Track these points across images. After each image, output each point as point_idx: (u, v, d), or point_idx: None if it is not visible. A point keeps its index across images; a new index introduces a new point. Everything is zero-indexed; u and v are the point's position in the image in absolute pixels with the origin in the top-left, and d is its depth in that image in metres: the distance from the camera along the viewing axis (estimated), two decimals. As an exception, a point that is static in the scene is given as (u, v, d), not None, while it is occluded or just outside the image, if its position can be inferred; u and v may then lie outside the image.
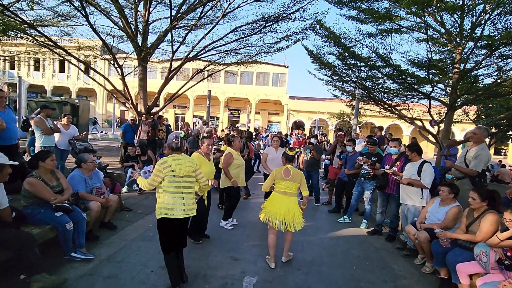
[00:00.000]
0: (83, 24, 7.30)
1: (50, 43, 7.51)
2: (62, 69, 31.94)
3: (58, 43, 7.61)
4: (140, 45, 7.69)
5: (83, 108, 11.04)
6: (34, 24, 7.28)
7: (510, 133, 14.25)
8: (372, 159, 4.87)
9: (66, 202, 3.28)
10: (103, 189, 4.10)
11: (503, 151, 28.36)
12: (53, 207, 3.11)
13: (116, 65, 8.07)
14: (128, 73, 9.73)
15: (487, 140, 16.47)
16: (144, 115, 7.56)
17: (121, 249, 3.61)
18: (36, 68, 30.28)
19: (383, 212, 4.81)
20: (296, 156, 3.89)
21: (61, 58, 8.43)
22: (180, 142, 2.83)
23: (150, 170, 6.38)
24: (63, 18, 7.94)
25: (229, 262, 3.47)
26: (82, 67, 9.78)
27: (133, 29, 7.45)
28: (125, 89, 8.33)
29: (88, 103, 11.84)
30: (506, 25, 5.39)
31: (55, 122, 5.81)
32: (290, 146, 6.05)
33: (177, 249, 2.82)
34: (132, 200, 5.65)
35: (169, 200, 2.66)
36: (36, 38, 7.50)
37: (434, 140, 7.76)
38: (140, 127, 7.14)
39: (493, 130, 12.09)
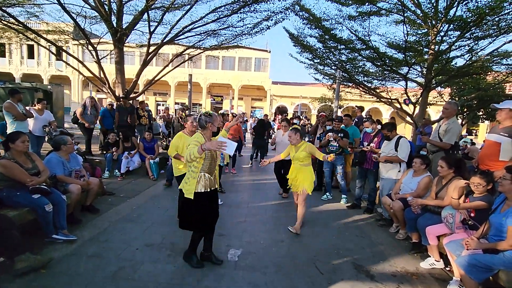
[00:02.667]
0: (52, 3, 6.83)
1: (17, 24, 7.02)
2: (31, 55, 30.04)
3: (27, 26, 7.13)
4: (115, 25, 7.35)
5: (57, 95, 10.50)
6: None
7: (480, 113, 15.07)
8: (339, 135, 5.09)
9: (44, 184, 3.20)
10: (83, 172, 4.02)
11: (474, 131, 29.94)
12: (30, 189, 3.03)
13: (91, 48, 7.71)
14: (104, 57, 9.32)
15: (459, 120, 17.31)
16: (122, 100, 7.33)
17: (104, 230, 3.59)
18: (2, 54, 28.29)
19: (362, 187, 5.04)
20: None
21: (29, 43, 7.92)
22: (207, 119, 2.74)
23: (132, 156, 6.30)
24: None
25: (215, 238, 3.51)
26: (54, 50, 9.25)
27: (107, 9, 7.08)
28: (102, 73, 8.00)
29: (62, 90, 11.23)
30: (476, 4, 5.59)
31: (27, 108, 5.55)
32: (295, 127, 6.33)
33: (211, 226, 2.90)
34: (114, 185, 5.56)
35: (208, 175, 2.69)
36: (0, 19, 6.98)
37: (410, 120, 8.10)
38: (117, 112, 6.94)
39: (465, 110, 12.72)
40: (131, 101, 7.73)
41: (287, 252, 3.30)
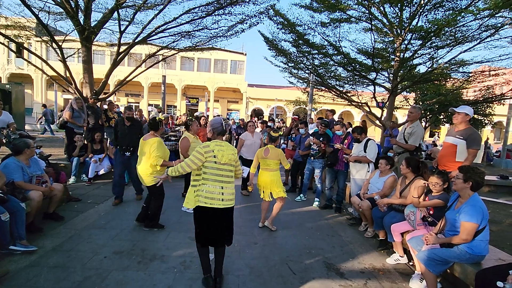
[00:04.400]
0: (10, -3, 6.37)
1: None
2: (-13, 52, 27.66)
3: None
4: (82, 23, 7.00)
5: (17, 95, 9.79)
6: None
7: (441, 117, 16.18)
8: (320, 139, 5.21)
9: (0, 191, 2.97)
10: (45, 178, 3.78)
11: (436, 133, 32.07)
12: (-16, 197, 2.80)
13: (55, 46, 7.26)
14: (70, 55, 8.84)
15: (423, 123, 18.41)
16: (91, 100, 6.98)
17: (69, 238, 3.40)
18: (-47, 50, 25.83)
19: (332, 187, 5.21)
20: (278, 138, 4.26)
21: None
22: (226, 126, 2.62)
23: (101, 160, 6.02)
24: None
25: (187, 242, 3.49)
26: (14, 47, 8.62)
27: (73, 5, 6.72)
28: (67, 72, 7.56)
29: (22, 90, 10.49)
30: (435, 16, 6.03)
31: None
32: (274, 128, 6.29)
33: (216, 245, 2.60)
34: (81, 190, 5.28)
35: (208, 188, 2.46)
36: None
37: (379, 123, 8.52)
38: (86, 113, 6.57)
39: (427, 114, 13.60)
40: (99, 103, 7.38)
41: (260, 254, 3.33)
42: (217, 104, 31.64)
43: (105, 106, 8.06)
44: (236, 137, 8.99)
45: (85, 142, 6.19)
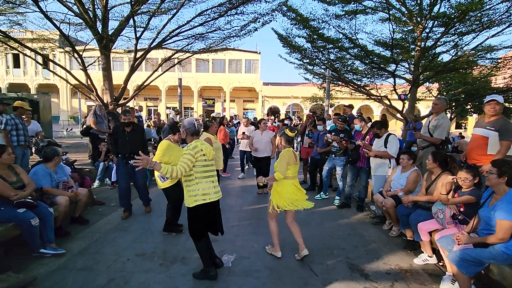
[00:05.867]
0: (34, 11, 6.70)
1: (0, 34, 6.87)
2: (17, 65, 29.48)
3: (9, 35, 6.97)
4: (100, 32, 7.25)
5: (44, 104, 10.30)
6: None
7: (468, 107, 15.32)
8: (340, 135, 5.04)
9: (30, 197, 3.12)
10: (71, 183, 3.93)
11: (463, 124, 30.48)
12: (15, 203, 2.95)
13: (76, 56, 7.58)
14: (91, 64, 9.19)
15: (448, 114, 17.54)
16: (111, 106, 7.22)
17: (94, 241, 3.51)
18: (-13, 64, 27.72)
19: (353, 185, 5.05)
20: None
21: (15, 52, 7.75)
22: (199, 126, 2.78)
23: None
24: (10, 4, 7.24)
25: (207, 244, 3.50)
26: (40, 60, 9.09)
27: (91, 16, 6.97)
28: (88, 80, 7.87)
29: (49, 99, 11.02)
30: (457, 0, 5.68)
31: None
32: (291, 126, 6.21)
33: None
34: (105, 194, 5.46)
35: (204, 185, 2.61)
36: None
37: (400, 117, 8.19)
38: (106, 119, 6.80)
39: (453, 105, 12.92)
40: (117, 108, 7.61)
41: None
42: (233, 104, 31.81)
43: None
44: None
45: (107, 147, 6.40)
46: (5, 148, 3.16)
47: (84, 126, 6.56)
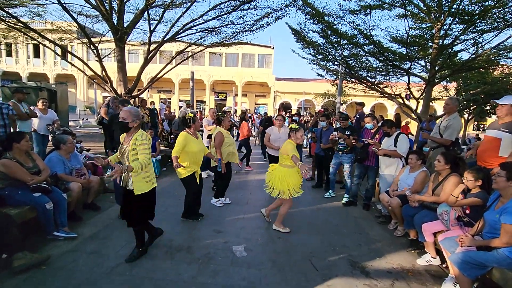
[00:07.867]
0: (53, 3, 6.91)
1: (20, 24, 7.13)
2: (37, 55, 30.41)
3: (30, 26, 7.23)
4: (115, 24, 7.40)
5: (62, 94, 10.64)
6: (0, 4, 6.85)
7: (487, 108, 14.76)
8: (346, 133, 4.99)
9: (45, 183, 3.27)
10: (83, 171, 4.09)
11: (482, 126, 29.41)
12: (31, 187, 3.11)
13: (92, 47, 7.78)
14: (106, 55, 9.40)
15: (466, 115, 16.97)
16: (125, 97, 7.39)
17: (105, 227, 3.66)
18: (9, 54, 28.71)
19: (359, 184, 5.01)
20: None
21: (35, 42, 8.04)
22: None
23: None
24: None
25: (212, 235, 3.59)
26: (59, 51, 9.36)
27: (107, 8, 7.12)
28: (104, 72, 8.08)
29: (66, 89, 11.38)
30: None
31: (31, 108, 5.66)
32: (296, 121, 6.14)
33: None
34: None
35: (152, 170, 2.98)
36: (3, 19, 7.09)
37: (414, 116, 8.01)
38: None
39: (471, 105, 12.47)
40: (132, 100, 7.79)
41: (283, 249, 3.33)
42: (245, 99, 31.83)
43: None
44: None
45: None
46: (23, 135, 3.31)
47: (99, 116, 6.78)
